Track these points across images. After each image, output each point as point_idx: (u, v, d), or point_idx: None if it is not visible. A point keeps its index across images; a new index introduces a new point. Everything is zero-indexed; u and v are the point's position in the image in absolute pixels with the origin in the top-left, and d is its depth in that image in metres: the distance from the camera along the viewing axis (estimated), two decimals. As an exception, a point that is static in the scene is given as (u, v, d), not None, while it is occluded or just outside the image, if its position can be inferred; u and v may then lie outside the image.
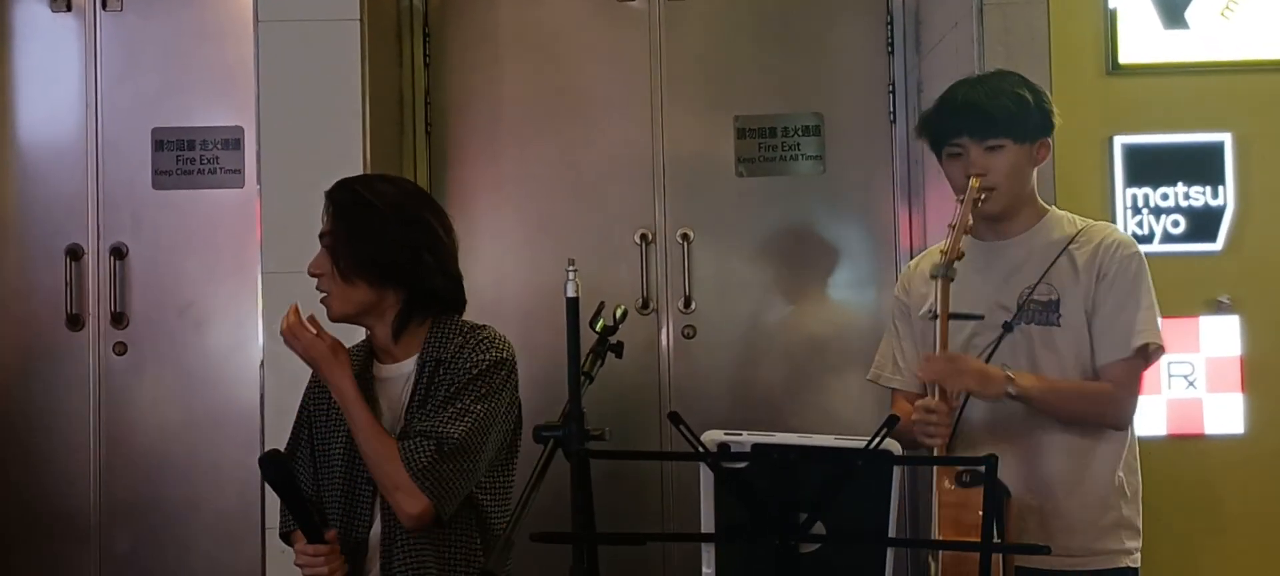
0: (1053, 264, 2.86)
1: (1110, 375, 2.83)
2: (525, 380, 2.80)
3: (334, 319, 2.74)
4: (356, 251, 2.65)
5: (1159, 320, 2.87)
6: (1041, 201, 2.98)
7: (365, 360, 2.77)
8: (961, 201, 2.79)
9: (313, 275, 2.71)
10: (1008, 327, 2.84)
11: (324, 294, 2.71)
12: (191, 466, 4.21)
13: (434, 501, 2.56)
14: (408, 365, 2.72)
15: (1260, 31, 4.02)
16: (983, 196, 2.78)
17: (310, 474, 2.77)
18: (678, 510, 4.20)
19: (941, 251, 2.76)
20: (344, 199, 2.70)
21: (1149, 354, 2.84)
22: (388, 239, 2.65)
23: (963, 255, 2.76)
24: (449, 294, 2.74)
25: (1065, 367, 2.83)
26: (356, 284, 2.66)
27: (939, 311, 2.74)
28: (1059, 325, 2.84)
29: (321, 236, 2.71)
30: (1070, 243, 2.88)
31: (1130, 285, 2.83)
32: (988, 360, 2.84)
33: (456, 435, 2.58)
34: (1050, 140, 2.93)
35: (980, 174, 2.81)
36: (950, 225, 2.79)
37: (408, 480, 2.55)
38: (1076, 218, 2.97)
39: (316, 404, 2.80)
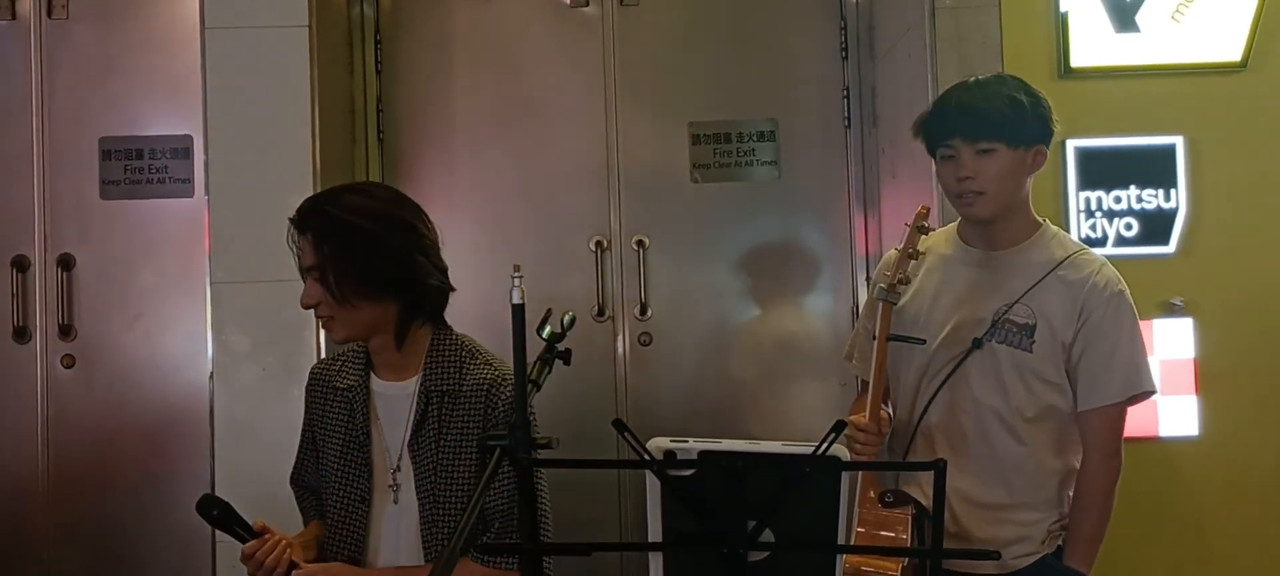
0: (1036, 285, 2.80)
1: (1094, 419, 2.80)
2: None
3: (339, 341, 2.71)
4: (352, 275, 2.58)
5: (1147, 361, 2.84)
6: (1036, 215, 2.91)
7: (362, 372, 2.72)
8: (910, 226, 2.76)
9: (307, 307, 2.64)
10: (977, 344, 2.80)
11: (325, 319, 2.65)
12: (141, 480, 4.16)
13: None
14: (410, 385, 2.67)
15: (1211, 34, 4.04)
16: (927, 223, 2.74)
17: (315, 469, 2.78)
18: (637, 517, 4.19)
19: (888, 282, 2.73)
20: (322, 225, 2.60)
21: (1136, 398, 2.83)
22: (381, 254, 2.59)
23: (909, 280, 2.75)
24: (444, 290, 2.72)
25: (1028, 394, 2.79)
26: (358, 306, 2.60)
27: (877, 334, 2.72)
28: (1031, 351, 2.79)
29: (307, 270, 2.62)
30: (1058, 266, 2.82)
31: (1115, 331, 2.79)
32: (951, 374, 2.81)
33: (512, 498, 2.59)
34: (1046, 148, 2.85)
35: (969, 176, 2.76)
36: (897, 248, 2.78)
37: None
38: (1068, 240, 2.91)
39: (313, 400, 2.78)
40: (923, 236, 2.76)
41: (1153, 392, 2.85)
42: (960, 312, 2.84)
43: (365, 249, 2.58)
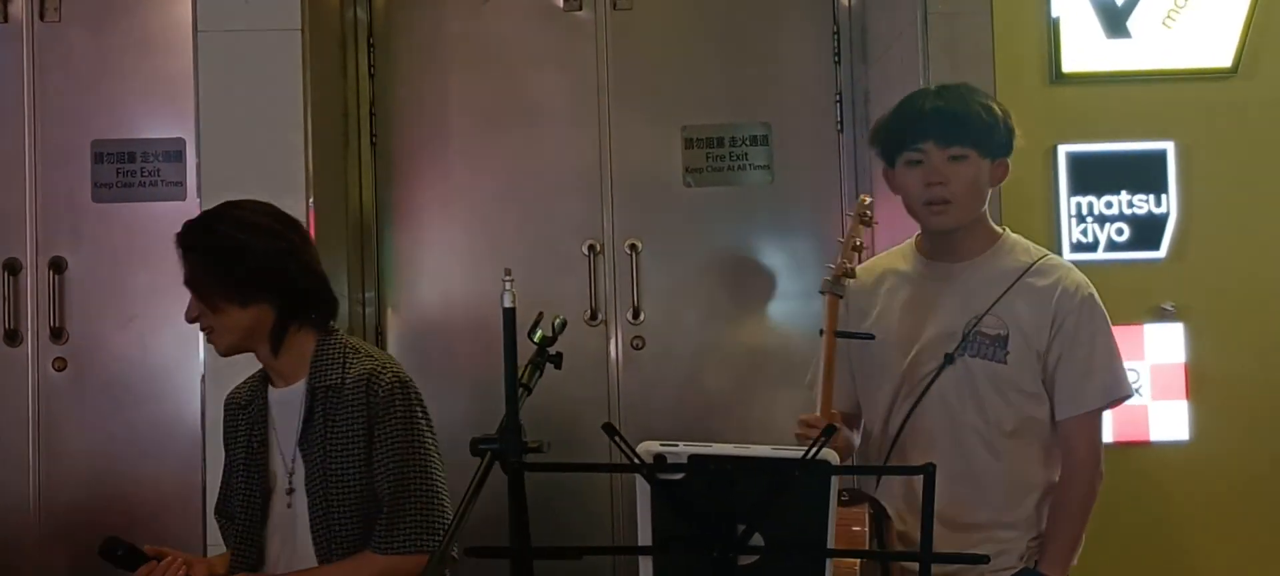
0: (1004, 294, 2.74)
1: (1074, 427, 2.75)
2: (471, 393, 2.78)
3: (223, 353, 2.75)
4: (216, 278, 2.65)
5: (1121, 364, 2.79)
6: (995, 225, 2.87)
7: (258, 385, 2.79)
8: (853, 217, 2.73)
9: (190, 321, 2.72)
10: (949, 359, 2.74)
11: (206, 331, 2.73)
12: (133, 484, 4.15)
13: (420, 551, 2.59)
14: (298, 387, 2.72)
15: (1202, 40, 4.06)
16: (870, 214, 2.70)
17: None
18: (627, 521, 4.18)
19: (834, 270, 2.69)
20: (190, 239, 2.70)
21: (1115, 403, 2.81)
22: (244, 259, 2.65)
23: (852, 272, 2.70)
24: (320, 294, 2.75)
25: (1006, 406, 2.74)
26: (227, 310, 2.66)
27: (825, 329, 2.67)
28: (1005, 362, 2.73)
29: (185, 285, 2.71)
30: (1025, 273, 2.76)
31: (1090, 336, 2.74)
32: (925, 391, 2.75)
33: (398, 484, 2.61)
34: (1009, 162, 2.81)
35: (940, 182, 2.71)
36: (839, 240, 2.74)
37: (398, 563, 2.59)
38: (1031, 245, 2.86)
39: (226, 427, 2.86)
40: (866, 228, 2.73)
41: (1131, 397, 2.83)
42: (929, 329, 2.78)
43: (228, 254, 2.65)
